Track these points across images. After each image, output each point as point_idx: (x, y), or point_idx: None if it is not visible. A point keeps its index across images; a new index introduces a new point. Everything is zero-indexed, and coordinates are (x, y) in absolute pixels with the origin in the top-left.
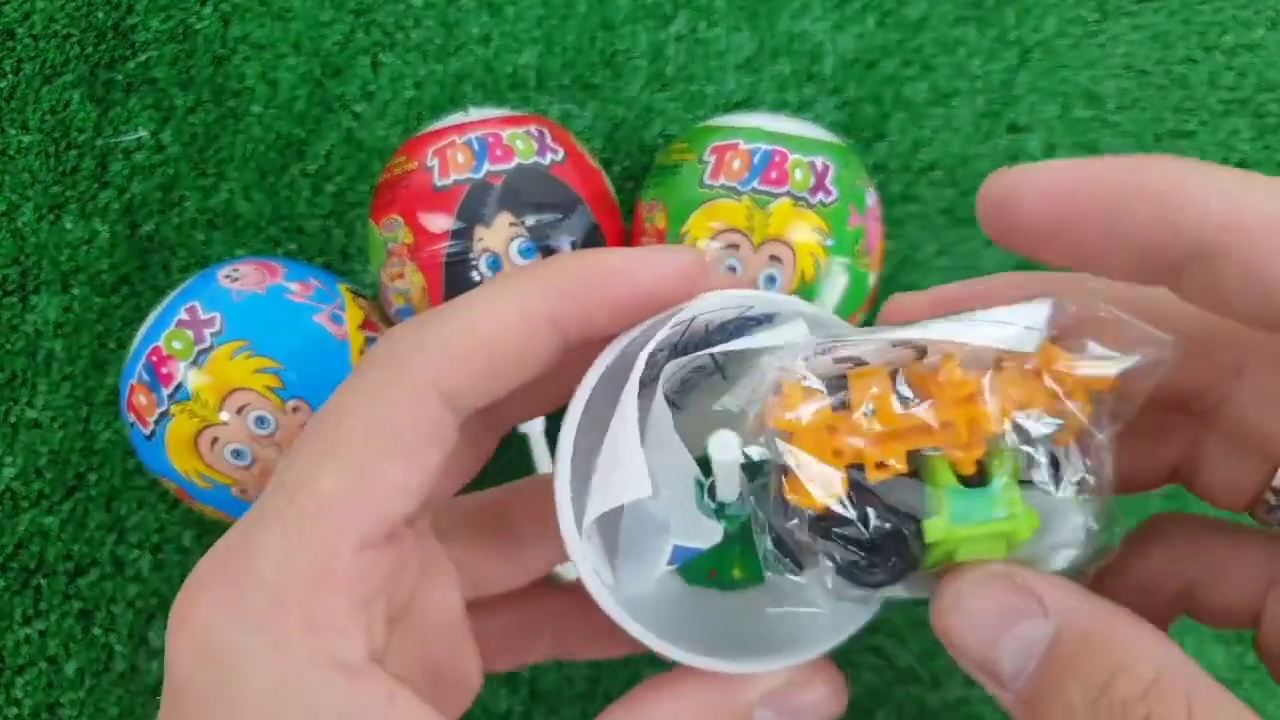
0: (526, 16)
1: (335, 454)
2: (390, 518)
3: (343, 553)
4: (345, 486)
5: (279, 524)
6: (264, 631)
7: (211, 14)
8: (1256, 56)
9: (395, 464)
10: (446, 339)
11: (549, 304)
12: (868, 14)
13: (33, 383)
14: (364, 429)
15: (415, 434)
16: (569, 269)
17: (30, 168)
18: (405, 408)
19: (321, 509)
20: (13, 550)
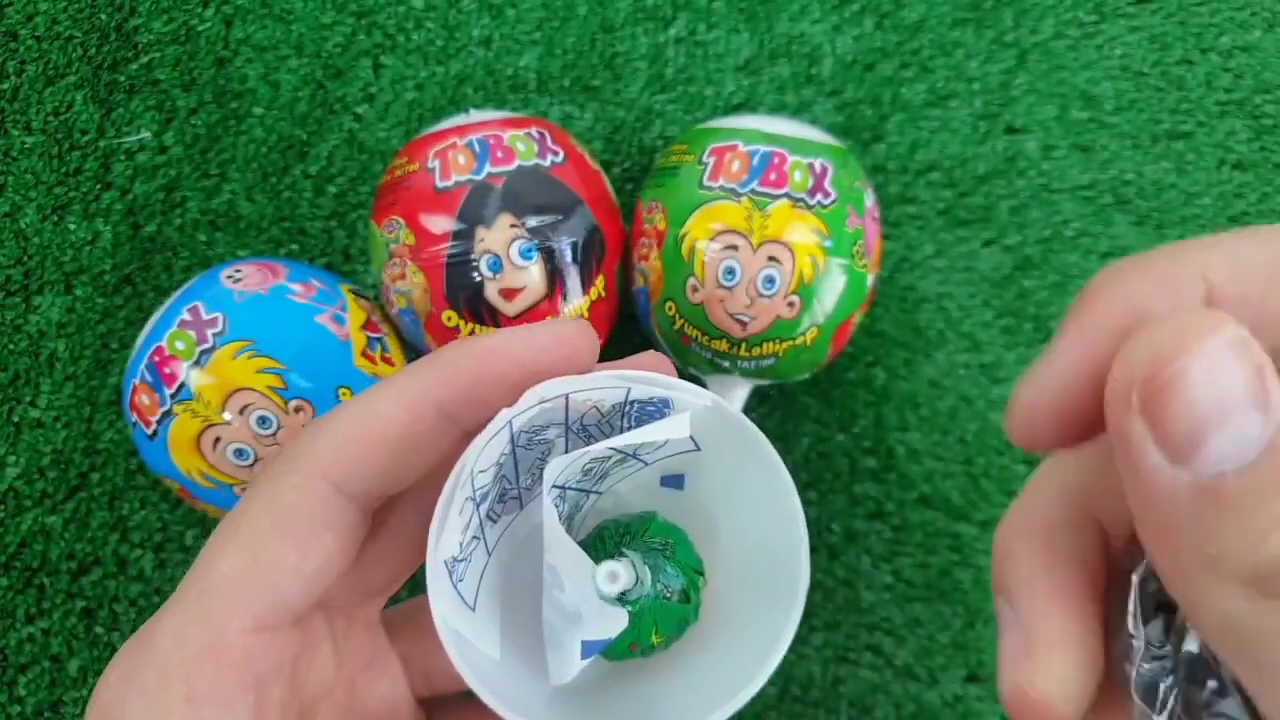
0: (527, 19)
1: (234, 539)
2: (286, 600)
3: (231, 631)
4: (239, 569)
5: (179, 604)
6: (150, 702)
7: (214, 16)
8: (1253, 58)
9: (288, 548)
10: (336, 430)
11: (433, 392)
12: (866, 16)
13: (36, 382)
14: (260, 516)
15: (308, 520)
16: (449, 355)
17: (33, 168)
18: (299, 495)
19: (216, 589)
20: (16, 549)
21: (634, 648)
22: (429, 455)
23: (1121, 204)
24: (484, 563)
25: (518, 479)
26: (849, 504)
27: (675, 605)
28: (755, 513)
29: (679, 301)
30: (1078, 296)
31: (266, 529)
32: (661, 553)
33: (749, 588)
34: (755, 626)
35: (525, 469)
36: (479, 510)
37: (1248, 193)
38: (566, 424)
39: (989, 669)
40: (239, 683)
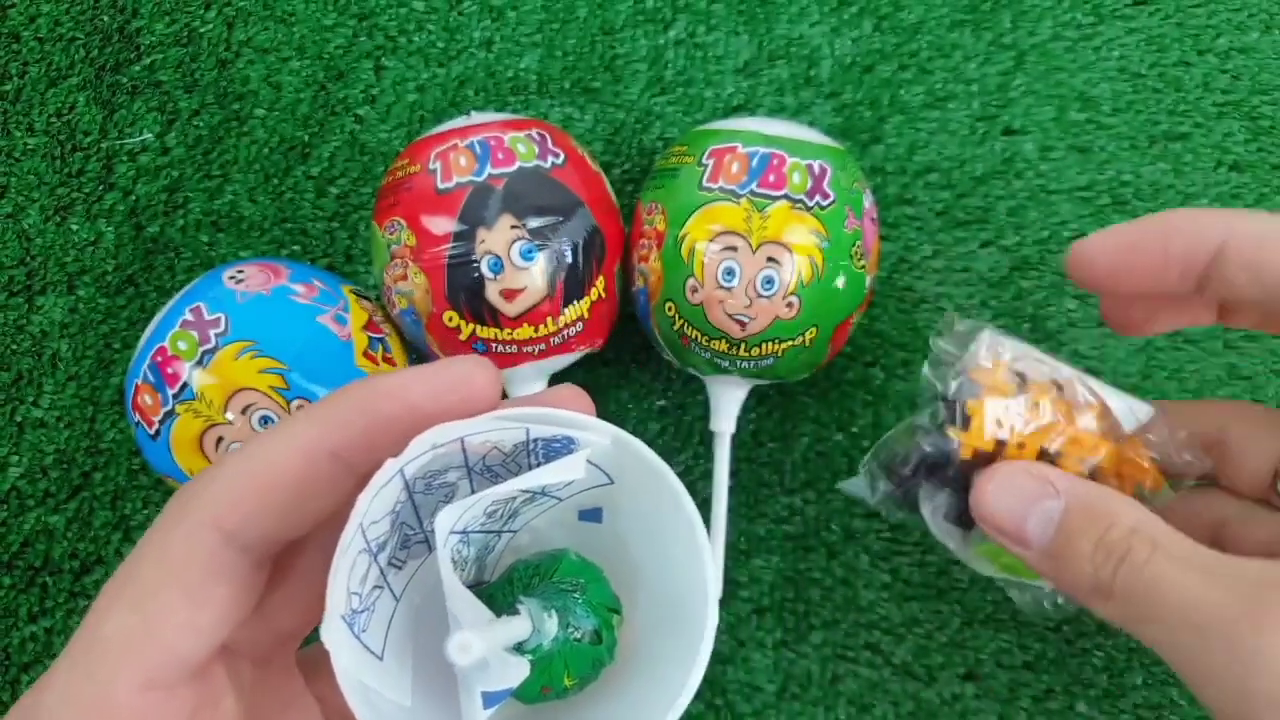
0: (528, 21)
1: (122, 595)
2: (180, 656)
3: (120, 691)
4: (128, 626)
5: (67, 664)
6: None
7: (216, 18)
8: (1250, 59)
9: (178, 602)
10: (226, 478)
11: (326, 436)
12: (864, 18)
13: (39, 383)
14: (148, 569)
15: (198, 572)
16: (343, 398)
17: (36, 170)
18: (188, 546)
19: (105, 650)
20: (19, 549)
21: (546, 691)
22: (326, 500)
23: (1119, 205)
24: (391, 609)
25: (420, 524)
26: (847, 503)
27: (587, 646)
28: (669, 548)
29: (678, 302)
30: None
31: (154, 582)
32: (571, 594)
33: (664, 628)
34: (667, 670)
35: (428, 513)
36: (377, 560)
37: (1245, 194)
38: (468, 466)
39: (987, 667)
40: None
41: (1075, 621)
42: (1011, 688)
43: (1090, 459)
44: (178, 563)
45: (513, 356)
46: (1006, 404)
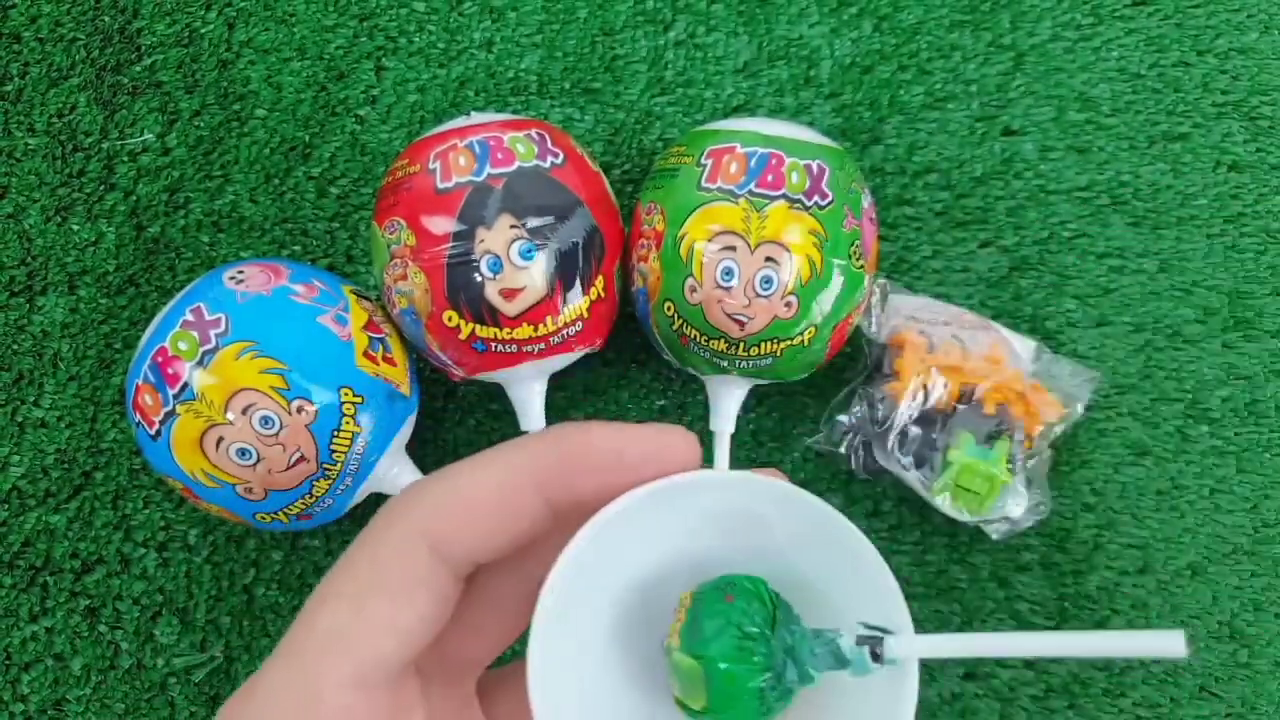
0: (528, 22)
1: (332, 595)
2: (381, 656)
3: (328, 686)
4: (337, 625)
5: (278, 661)
6: None
7: (216, 18)
8: (1250, 60)
9: (384, 603)
10: (439, 492)
11: (534, 469)
12: (864, 19)
13: (39, 383)
14: (359, 572)
15: (404, 576)
16: (558, 436)
17: (37, 170)
18: (396, 551)
19: (315, 644)
20: (20, 548)
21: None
22: (521, 530)
23: (1118, 205)
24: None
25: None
26: (846, 503)
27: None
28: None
29: (678, 302)
30: None
31: (363, 586)
32: (794, 629)
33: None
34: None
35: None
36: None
37: (1244, 194)
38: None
39: (987, 666)
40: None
41: (1075, 620)
42: (1011, 687)
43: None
44: (387, 566)
45: (512, 356)
46: (922, 356)
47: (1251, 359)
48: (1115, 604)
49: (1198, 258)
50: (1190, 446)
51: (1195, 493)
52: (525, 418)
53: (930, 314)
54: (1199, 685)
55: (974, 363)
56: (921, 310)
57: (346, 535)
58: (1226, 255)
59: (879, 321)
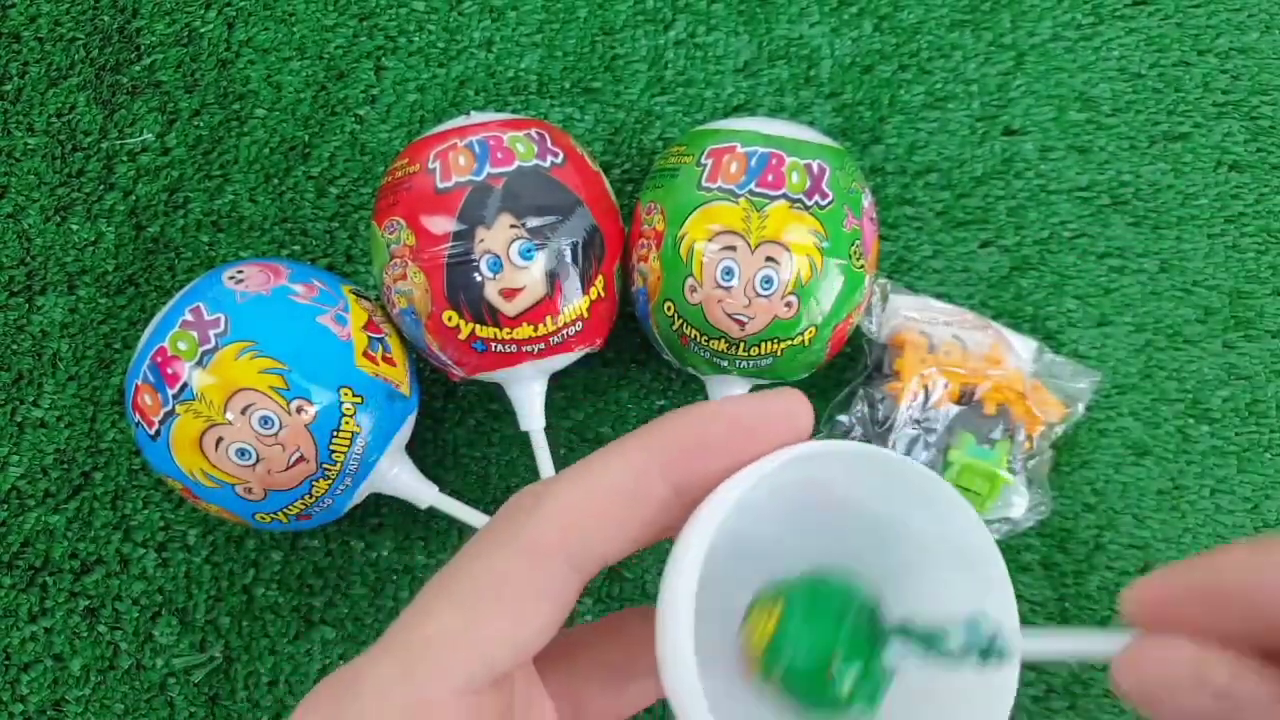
0: (528, 21)
1: (449, 599)
2: (494, 665)
3: (441, 694)
4: (452, 631)
5: (387, 659)
6: None
7: (216, 18)
8: (1250, 60)
9: (504, 615)
10: (563, 496)
11: (656, 454)
12: (864, 19)
13: (39, 383)
14: (479, 579)
15: (529, 588)
16: (672, 418)
17: (36, 170)
18: (523, 564)
19: (426, 650)
20: (19, 548)
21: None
22: (652, 524)
23: (1119, 205)
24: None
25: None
26: None
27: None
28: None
29: (678, 301)
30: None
31: (485, 591)
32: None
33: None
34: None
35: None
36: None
37: (1244, 194)
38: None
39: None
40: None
41: (1076, 621)
42: None
43: (1006, 394)
44: (509, 577)
45: (512, 356)
46: (922, 357)
47: (1252, 359)
48: (1116, 605)
49: (1198, 257)
50: (1191, 446)
51: (1196, 493)
52: (525, 418)
53: (931, 314)
54: None
55: (974, 363)
56: (922, 310)
57: (346, 535)
58: (1227, 255)
59: (879, 321)
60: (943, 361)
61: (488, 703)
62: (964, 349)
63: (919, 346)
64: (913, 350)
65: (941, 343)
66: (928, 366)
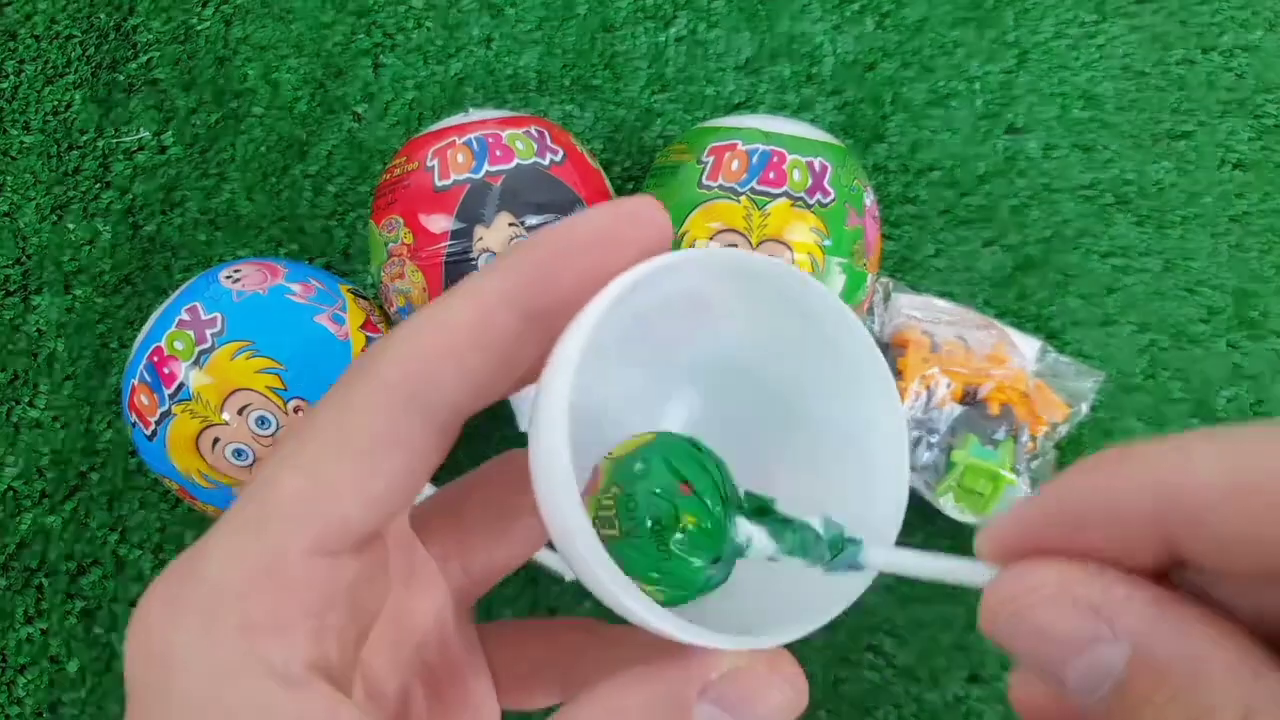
0: (527, 18)
1: (295, 457)
2: (349, 522)
3: (290, 555)
4: (300, 489)
5: (234, 525)
6: (199, 631)
7: (213, 15)
8: (1254, 58)
9: (353, 468)
10: (407, 338)
11: (504, 285)
12: (867, 16)
13: (35, 383)
14: (326, 433)
15: (375, 436)
16: (518, 246)
17: (32, 168)
18: (366, 411)
19: (273, 511)
20: (15, 550)
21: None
22: (512, 362)
23: (1122, 203)
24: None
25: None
26: None
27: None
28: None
29: None
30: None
31: (330, 446)
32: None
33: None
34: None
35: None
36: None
37: (1249, 192)
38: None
39: (991, 669)
40: (298, 610)
41: None
42: None
43: (1010, 394)
44: (355, 427)
45: None
46: (925, 356)
47: (1257, 359)
48: None
49: (1202, 257)
50: None
51: None
52: (524, 417)
53: (933, 313)
54: None
55: (977, 362)
56: (925, 309)
57: None
58: (1231, 254)
59: (882, 320)
60: (945, 361)
61: (347, 565)
62: (967, 348)
63: (922, 346)
64: (915, 350)
65: (944, 342)
66: (930, 366)
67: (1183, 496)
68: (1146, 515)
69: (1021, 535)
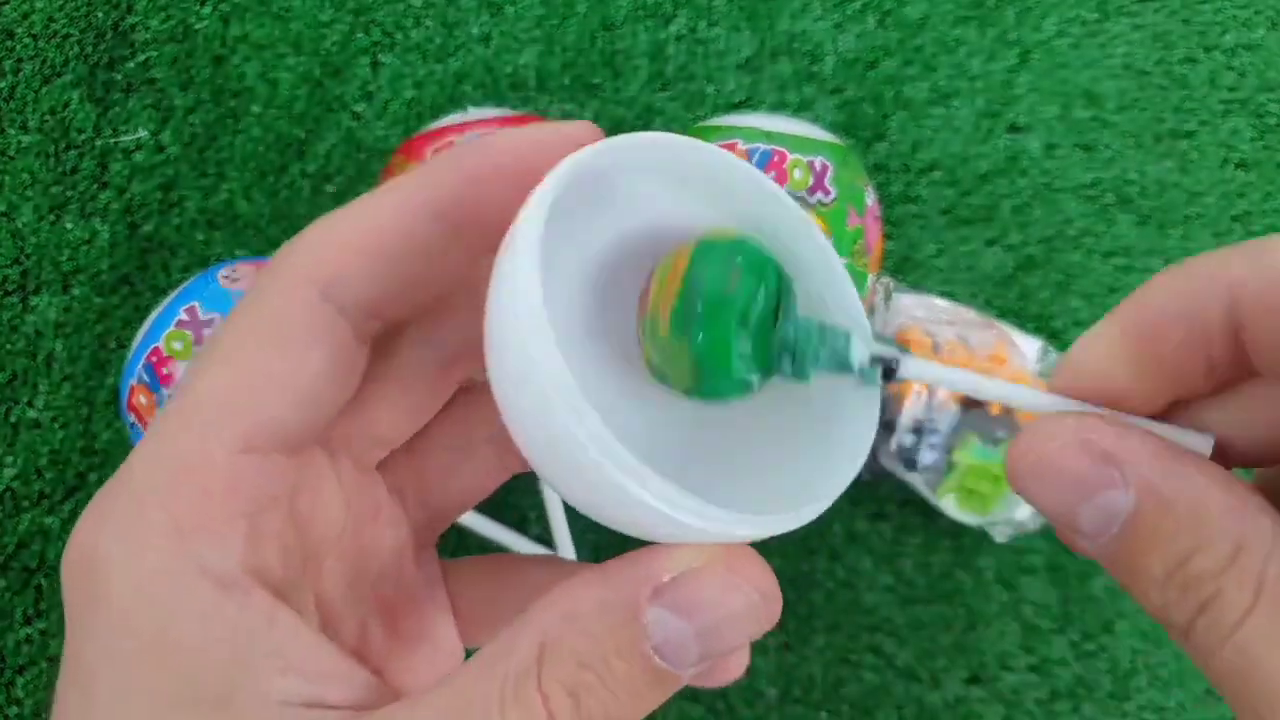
0: (526, 16)
1: (216, 355)
2: (274, 418)
3: (215, 450)
4: (220, 385)
5: (155, 429)
6: (125, 536)
7: (211, 14)
8: (1257, 56)
9: (274, 360)
10: (322, 232)
11: (427, 192)
12: (868, 14)
13: (33, 383)
14: (245, 329)
15: (293, 330)
16: (443, 156)
17: (30, 168)
18: (283, 303)
19: (198, 408)
20: (14, 550)
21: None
22: (431, 272)
23: (1124, 203)
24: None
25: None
26: (850, 505)
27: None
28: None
29: None
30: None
31: (249, 341)
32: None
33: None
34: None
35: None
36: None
37: (1251, 192)
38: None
39: (991, 670)
40: (228, 508)
41: (1080, 623)
42: (1016, 690)
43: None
44: (272, 319)
45: None
46: (927, 356)
47: None
48: (1120, 607)
49: None
50: None
51: None
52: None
53: (935, 313)
54: (1205, 689)
55: (979, 363)
56: (926, 309)
57: None
58: None
59: (883, 320)
60: (947, 361)
61: (280, 466)
62: (968, 348)
63: (923, 346)
64: (917, 350)
65: (946, 342)
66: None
67: (1254, 295)
68: (1220, 317)
69: (1107, 349)
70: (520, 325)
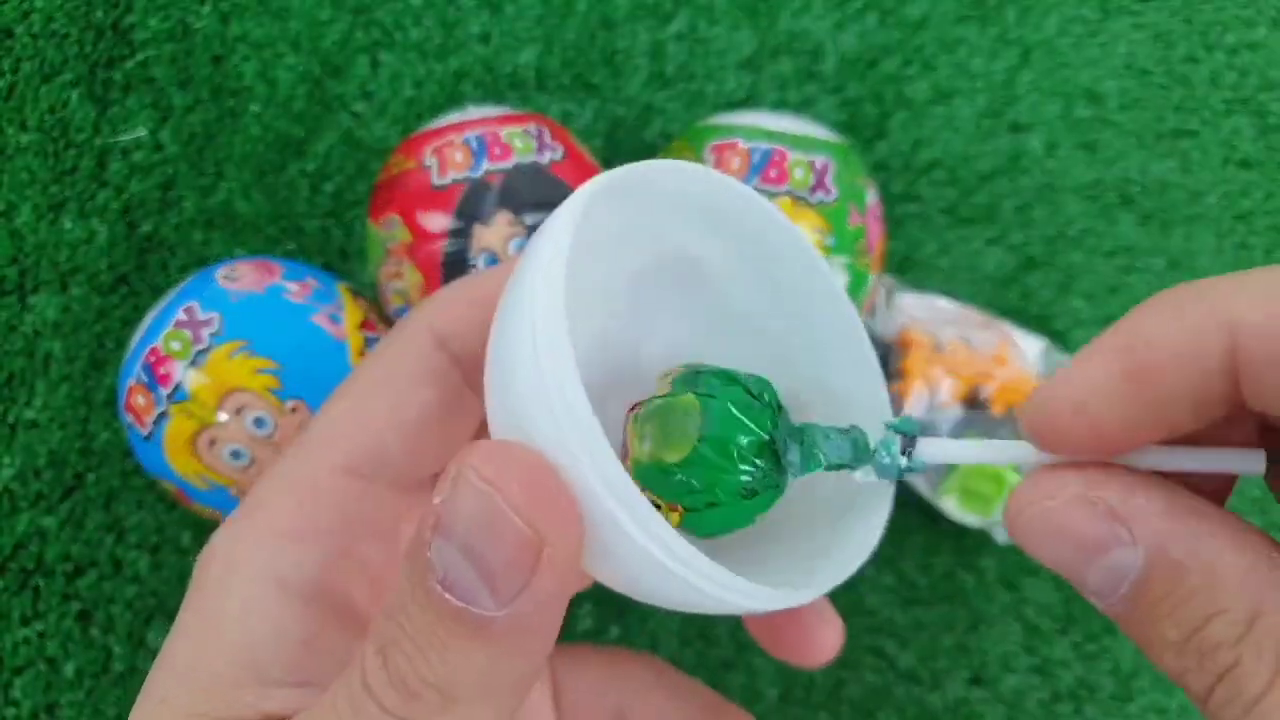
0: (526, 15)
1: (340, 391)
2: (380, 447)
3: (322, 469)
4: (335, 414)
5: (284, 452)
6: (234, 534)
7: (210, 13)
8: (1258, 55)
9: (383, 396)
10: (449, 290)
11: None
12: (869, 12)
13: (31, 383)
14: (366, 371)
15: (408, 371)
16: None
17: (29, 167)
18: (402, 347)
19: (316, 434)
20: (11, 551)
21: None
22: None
23: (1126, 202)
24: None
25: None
26: None
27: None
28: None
29: None
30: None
31: (366, 380)
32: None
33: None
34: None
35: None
36: None
37: (1253, 191)
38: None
39: (992, 672)
40: (323, 520)
41: (1082, 624)
42: (1018, 692)
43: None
44: (389, 362)
45: None
46: (928, 357)
47: None
48: None
49: (1207, 256)
50: None
51: None
52: None
53: (936, 313)
54: None
55: (981, 363)
56: (927, 309)
57: None
58: (1236, 254)
59: (884, 320)
60: (949, 362)
61: (380, 490)
62: (970, 348)
63: (924, 346)
64: (918, 350)
65: (947, 343)
66: (934, 367)
67: (1258, 337)
68: (1219, 358)
69: (1088, 389)
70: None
